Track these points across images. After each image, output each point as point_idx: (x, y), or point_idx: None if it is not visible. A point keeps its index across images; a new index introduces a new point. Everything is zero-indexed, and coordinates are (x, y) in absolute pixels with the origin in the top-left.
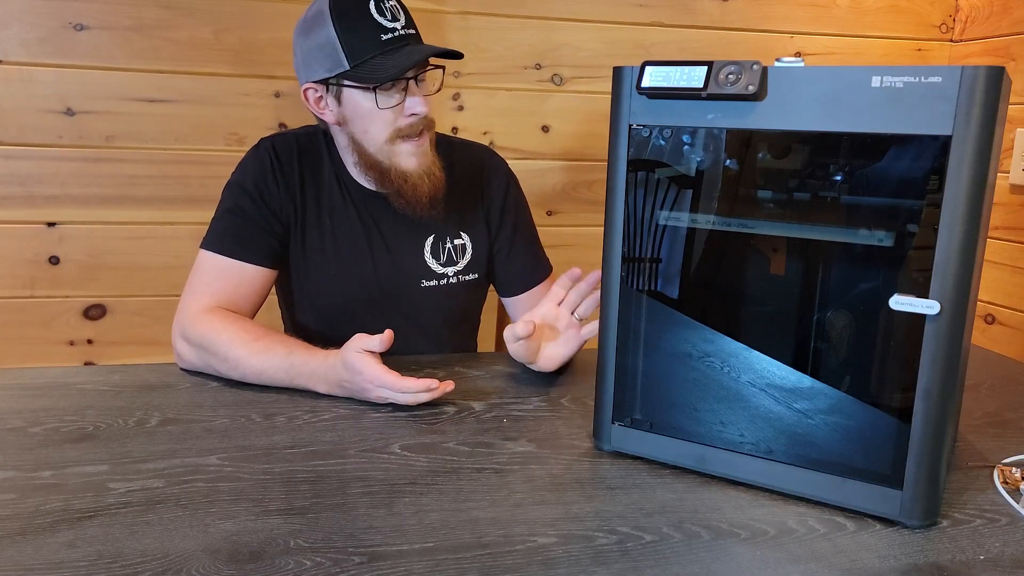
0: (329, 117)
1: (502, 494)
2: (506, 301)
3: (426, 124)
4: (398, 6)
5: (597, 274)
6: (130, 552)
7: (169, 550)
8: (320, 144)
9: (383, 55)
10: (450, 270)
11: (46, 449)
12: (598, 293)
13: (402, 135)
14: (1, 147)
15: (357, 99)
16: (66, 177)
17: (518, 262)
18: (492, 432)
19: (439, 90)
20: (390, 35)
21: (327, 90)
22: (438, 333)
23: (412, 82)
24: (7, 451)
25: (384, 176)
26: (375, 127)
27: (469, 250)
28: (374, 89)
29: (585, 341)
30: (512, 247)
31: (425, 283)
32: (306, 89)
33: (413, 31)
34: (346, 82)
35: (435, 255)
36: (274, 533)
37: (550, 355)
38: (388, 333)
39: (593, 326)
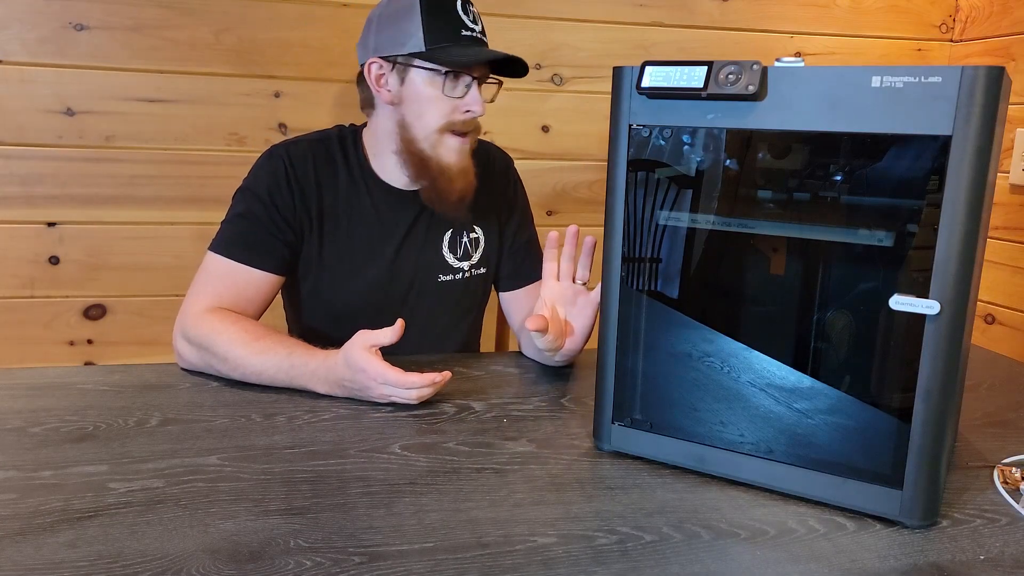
0: (385, 96)
1: (502, 494)
2: (503, 297)
3: (475, 127)
4: (479, 15)
5: (574, 228)
6: (130, 552)
7: (169, 550)
8: (335, 148)
9: (459, 47)
10: (465, 264)
11: (46, 449)
12: (588, 250)
13: (453, 129)
14: (1, 147)
15: (422, 82)
16: (66, 177)
17: (519, 256)
18: (492, 432)
19: (492, 101)
20: (469, 33)
21: (392, 68)
22: (447, 328)
23: (476, 83)
24: (7, 451)
25: (423, 166)
26: (431, 113)
27: (482, 243)
28: (444, 74)
29: (598, 303)
30: (515, 240)
31: (442, 277)
32: (370, 63)
33: (486, 40)
34: (417, 63)
35: (452, 249)
36: (274, 533)
37: (573, 330)
38: (399, 323)
39: (599, 286)
